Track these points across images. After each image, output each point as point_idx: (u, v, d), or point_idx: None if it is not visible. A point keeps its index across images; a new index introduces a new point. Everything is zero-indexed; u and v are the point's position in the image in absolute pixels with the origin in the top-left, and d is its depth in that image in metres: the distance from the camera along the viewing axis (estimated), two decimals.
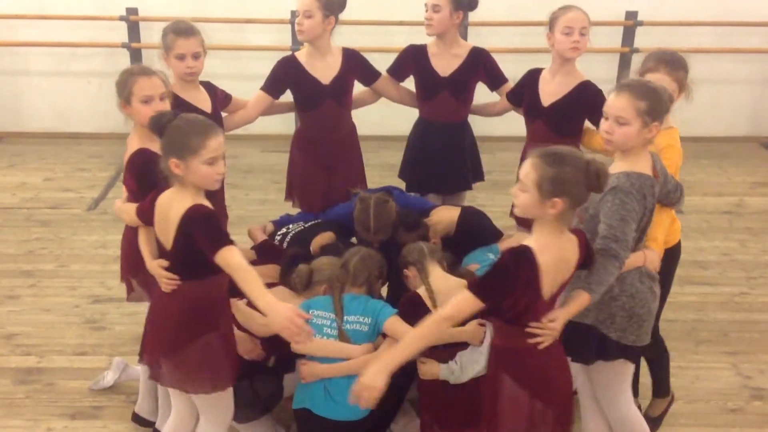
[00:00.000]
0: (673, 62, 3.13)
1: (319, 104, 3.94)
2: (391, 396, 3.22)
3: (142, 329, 4.36)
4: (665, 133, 2.94)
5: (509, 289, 2.47)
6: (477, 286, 2.46)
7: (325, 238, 3.70)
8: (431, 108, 4.09)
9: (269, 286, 3.35)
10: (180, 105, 3.47)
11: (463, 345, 3.03)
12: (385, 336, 3.06)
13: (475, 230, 3.64)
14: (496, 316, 2.59)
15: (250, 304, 3.19)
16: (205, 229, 2.57)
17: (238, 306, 3.17)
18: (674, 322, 4.28)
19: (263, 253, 3.67)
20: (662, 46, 3.40)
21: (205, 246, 2.54)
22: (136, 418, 3.51)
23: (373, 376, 2.46)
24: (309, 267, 3.30)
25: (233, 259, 2.52)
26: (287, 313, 2.42)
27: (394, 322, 3.02)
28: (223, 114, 3.86)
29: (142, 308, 4.35)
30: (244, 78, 4.13)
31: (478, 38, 6.50)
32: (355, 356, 3.01)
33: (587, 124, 3.79)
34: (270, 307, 2.45)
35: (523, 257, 2.43)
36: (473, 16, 6.63)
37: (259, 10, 6.66)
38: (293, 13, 5.80)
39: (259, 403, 3.18)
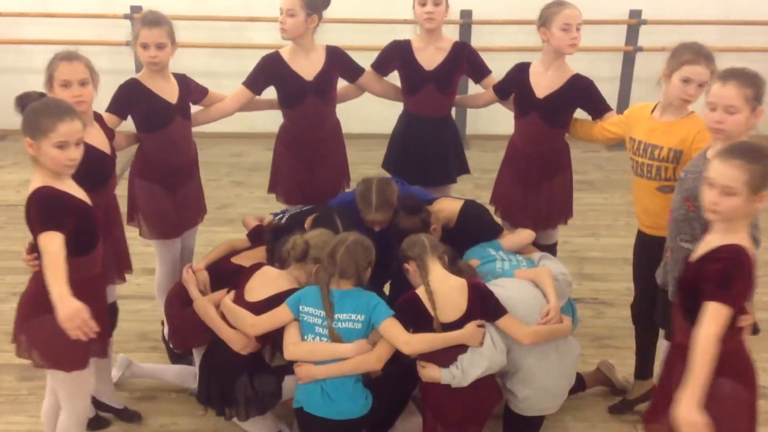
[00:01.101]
0: (709, 54, 3.20)
1: (302, 101, 3.95)
2: (395, 395, 3.24)
3: (147, 327, 4.36)
4: (698, 118, 3.05)
5: (750, 289, 2.46)
6: (723, 295, 2.39)
7: None
8: (416, 102, 4.10)
9: (259, 266, 3.33)
10: (142, 93, 3.63)
11: (462, 348, 3.00)
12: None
13: (475, 224, 3.65)
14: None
15: (237, 302, 3.18)
16: (37, 210, 2.61)
17: (227, 306, 3.17)
18: None
19: (255, 237, 3.68)
20: (666, 45, 3.42)
21: (32, 226, 2.60)
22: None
23: (687, 413, 2.35)
24: (305, 239, 3.23)
25: (49, 245, 2.56)
26: (75, 306, 2.48)
27: (390, 326, 2.98)
28: (198, 107, 3.91)
29: (147, 306, 4.39)
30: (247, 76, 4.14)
31: (481, 37, 6.52)
32: (350, 356, 2.98)
33: (576, 114, 3.83)
34: (60, 297, 2.50)
35: (747, 255, 2.44)
36: (476, 15, 6.66)
37: (261, 8, 6.65)
38: None
39: (257, 401, 3.16)
